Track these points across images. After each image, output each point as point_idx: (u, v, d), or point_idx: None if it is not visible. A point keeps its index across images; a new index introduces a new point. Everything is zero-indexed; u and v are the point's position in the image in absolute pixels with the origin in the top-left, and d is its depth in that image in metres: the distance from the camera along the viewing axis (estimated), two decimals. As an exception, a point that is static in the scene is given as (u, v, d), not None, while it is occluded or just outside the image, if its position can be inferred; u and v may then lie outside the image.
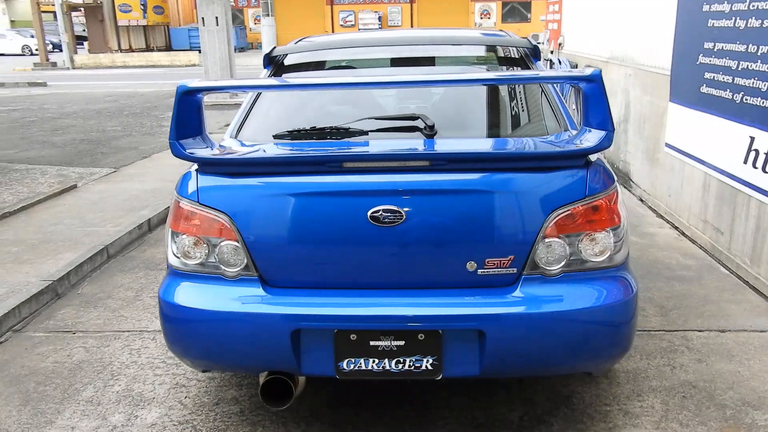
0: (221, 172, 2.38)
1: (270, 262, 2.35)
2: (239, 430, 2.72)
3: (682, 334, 3.42)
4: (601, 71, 5.15)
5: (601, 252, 2.32)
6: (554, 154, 2.29)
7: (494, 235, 2.27)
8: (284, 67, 3.25)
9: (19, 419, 2.85)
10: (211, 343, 2.38)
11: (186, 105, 2.31)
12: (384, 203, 2.25)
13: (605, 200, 2.32)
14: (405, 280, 2.33)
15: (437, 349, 2.28)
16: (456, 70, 3.20)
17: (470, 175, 2.28)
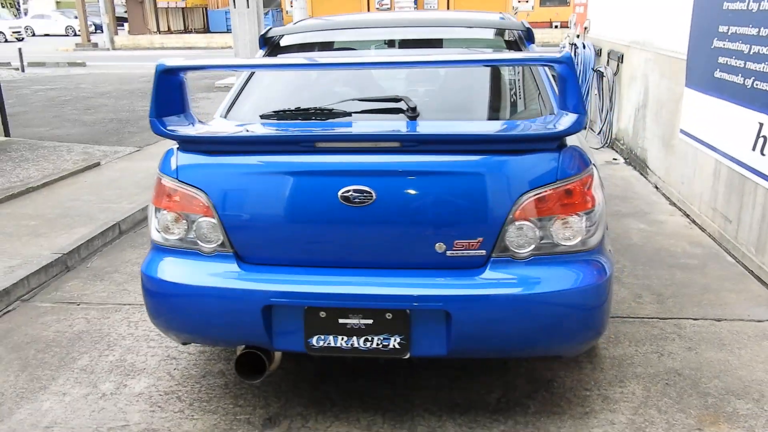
0: (199, 150, 2.44)
1: (244, 239, 2.40)
2: (221, 402, 2.80)
3: (676, 321, 3.38)
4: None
5: (573, 236, 2.31)
6: (523, 137, 2.28)
7: (463, 218, 2.27)
8: (280, 47, 3.28)
9: (16, 384, 2.98)
10: (188, 316, 2.45)
11: (166, 83, 2.36)
12: (354, 183, 2.27)
13: (578, 184, 2.30)
14: (375, 260, 2.35)
15: (405, 329, 2.31)
16: (443, 51, 3.19)
17: (439, 156, 2.29)
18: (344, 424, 2.63)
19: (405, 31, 3.30)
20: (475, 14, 3.48)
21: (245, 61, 2.53)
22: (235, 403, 2.79)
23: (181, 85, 2.47)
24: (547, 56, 2.19)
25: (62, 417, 2.73)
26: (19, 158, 7.06)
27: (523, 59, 2.44)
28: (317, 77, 3.07)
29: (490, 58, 2.42)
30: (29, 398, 2.87)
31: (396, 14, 3.65)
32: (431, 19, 3.39)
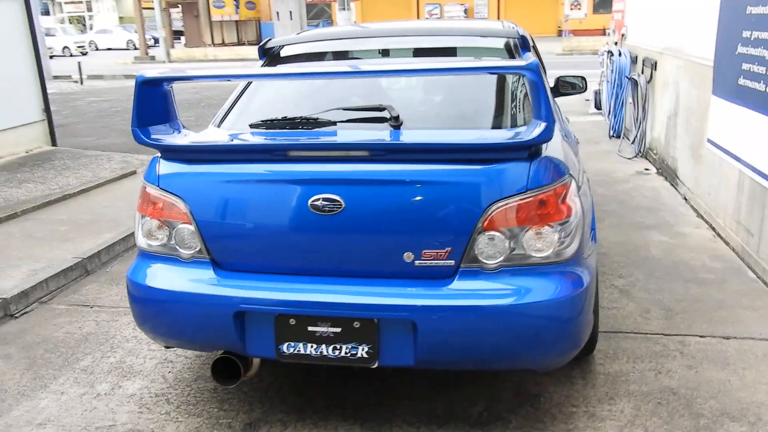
0: (178, 159, 2.50)
1: (220, 245, 2.44)
2: (207, 405, 2.85)
3: (681, 338, 3.25)
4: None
5: (546, 247, 2.26)
6: (490, 146, 2.25)
7: (430, 227, 2.26)
8: (279, 58, 3.34)
9: (20, 382, 3.11)
10: (166, 320, 2.51)
11: (146, 94, 2.44)
12: (324, 192, 2.29)
13: (551, 194, 2.25)
14: (345, 269, 2.36)
15: (373, 338, 2.30)
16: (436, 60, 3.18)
17: (407, 165, 2.28)
18: (322, 431, 2.63)
19: (401, 41, 3.31)
20: (474, 23, 3.45)
21: (228, 72, 2.58)
22: (220, 407, 2.84)
23: (165, 95, 2.55)
24: (513, 65, 2.16)
25: (56, 415, 2.83)
26: (61, 166, 7.37)
27: (489, 67, 2.41)
28: (311, 86, 3.10)
29: (455, 66, 2.40)
30: (29, 396, 2.99)
31: (396, 24, 3.66)
32: (429, 28, 3.40)
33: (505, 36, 3.13)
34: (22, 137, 8.14)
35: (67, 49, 34.41)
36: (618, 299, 3.71)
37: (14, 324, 3.75)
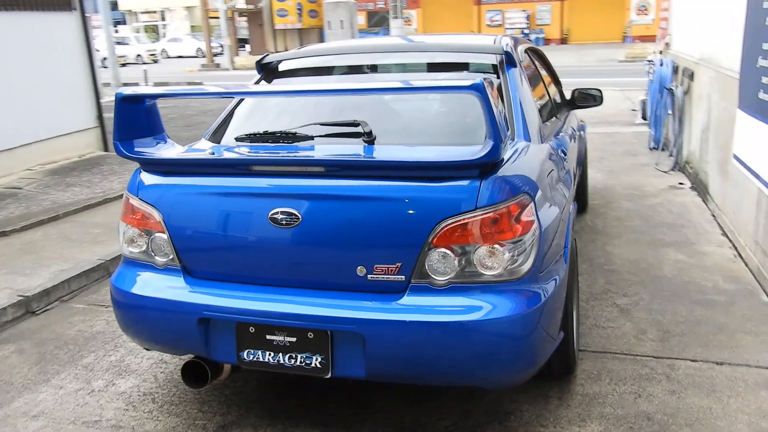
0: (155, 171, 2.63)
1: (190, 254, 2.56)
2: (188, 406, 2.97)
3: (671, 362, 3.16)
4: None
5: (497, 265, 2.27)
6: (437, 165, 2.27)
7: (382, 242, 2.30)
8: (275, 72, 3.45)
9: (26, 375, 3.33)
10: (141, 324, 2.65)
11: (126, 109, 2.58)
12: (282, 206, 2.37)
13: (502, 212, 2.26)
14: (302, 280, 2.43)
15: (325, 349, 2.36)
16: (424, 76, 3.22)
17: (358, 181, 2.33)
18: (289, 438, 2.71)
19: (391, 57, 3.36)
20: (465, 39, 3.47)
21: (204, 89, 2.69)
22: (200, 408, 2.96)
23: (148, 110, 2.69)
24: (457, 84, 2.18)
25: (50, 408, 3.01)
26: (108, 171, 7.76)
27: (438, 87, 2.41)
28: (298, 101, 3.19)
29: (408, 86, 2.42)
30: (31, 389, 3.19)
31: (391, 41, 3.70)
32: (421, 45, 3.43)
33: (491, 52, 3.14)
34: (77, 142, 8.61)
35: (139, 57, 35.95)
36: (616, 318, 3.63)
37: (34, 320, 4.00)
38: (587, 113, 10.87)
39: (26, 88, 7.63)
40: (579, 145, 4.97)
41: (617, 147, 8.19)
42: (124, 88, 2.60)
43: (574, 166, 4.21)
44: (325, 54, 3.49)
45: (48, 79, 7.97)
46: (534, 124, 2.97)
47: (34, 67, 7.81)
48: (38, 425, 2.88)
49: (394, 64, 3.30)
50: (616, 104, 11.79)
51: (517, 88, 2.98)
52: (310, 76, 3.41)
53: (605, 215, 5.49)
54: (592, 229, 5.17)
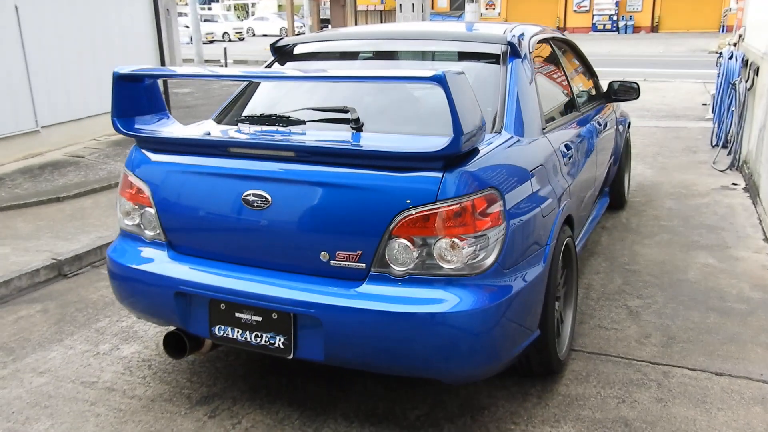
0: (147, 148, 2.75)
1: (173, 229, 2.67)
2: (179, 375, 3.11)
3: (667, 369, 3.03)
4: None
5: (457, 258, 2.25)
6: (398, 155, 2.25)
7: (344, 229, 2.32)
8: (289, 56, 3.51)
9: (44, 333, 3.57)
10: (129, 294, 2.79)
11: (124, 87, 2.70)
12: (254, 188, 2.43)
13: (464, 206, 2.23)
14: (271, 262, 2.49)
15: (288, 330, 2.42)
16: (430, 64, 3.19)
17: (323, 168, 2.35)
18: (263, 413, 2.79)
19: (399, 44, 3.34)
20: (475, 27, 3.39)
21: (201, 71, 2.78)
22: (189, 378, 3.09)
23: (148, 88, 2.80)
24: (422, 75, 2.15)
25: (56, 366, 3.23)
26: (166, 145, 8.09)
27: (400, 77, 2.37)
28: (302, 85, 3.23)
29: (377, 75, 2.40)
30: (45, 347, 3.42)
31: (402, 27, 3.66)
32: (431, 32, 3.38)
33: (495, 42, 3.07)
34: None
35: (226, 35, 37.01)
36: (622, 320, 3.51)
37: (64, 283, 4.27)
38: (655, 106, 10.45)
39: (96, 61, 8.05)
40: (615, 139, 4.79)
41: (678, 143, 7.81)
42: (121, 66, 2.71)
43: (599, 162, 4.07)
44: (336, 39, 3.51)
45: (116, 54, 8.37)
46: (531, 117, 2.89)
47: (103, 42, 8.22)
48: (41, 381, 3.09)
49: (399, 51, 3.29)
50: (693, 98, 11.22)
51: (516, 80, 2.91)
52: (321, 61, 3.45)
53: (643, 213, 5.27)
54: (625, 227, 4.98)
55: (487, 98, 2.83)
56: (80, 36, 7.87)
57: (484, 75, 2.99)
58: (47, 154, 7.49)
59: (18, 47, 7.07)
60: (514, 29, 3.26)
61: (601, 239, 4.73)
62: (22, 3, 7.04)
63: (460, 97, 2.15)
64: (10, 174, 6.71)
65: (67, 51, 7.68)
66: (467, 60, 3.14)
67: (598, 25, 33.29)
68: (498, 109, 2.77)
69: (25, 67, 7.17)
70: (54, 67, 7.48)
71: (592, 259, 4.38)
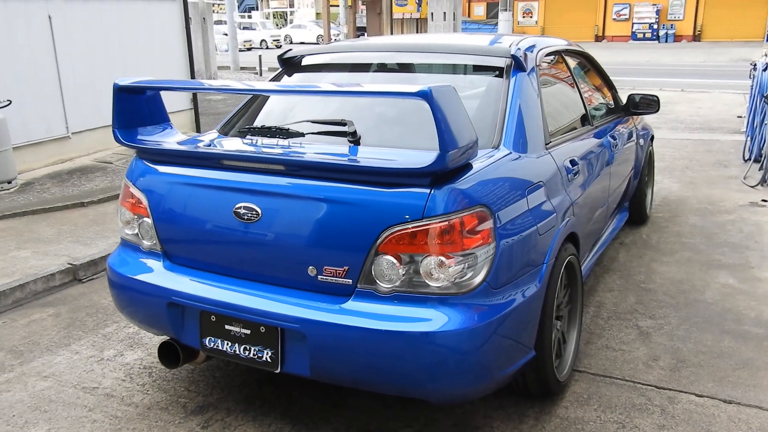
0: (145, 159, 2.78)
1: (168, 240, 2.69)
2: (178, 383, 3.12)
3: (673, 394, 2.93)
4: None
5: (443, 277, 2.21)
6: (384, 170, 2.22)
7: (331, 244, 2.30)
8: (297, 67, 3.52)
9: (53, 338, 3.63)
10: (126, 303, 2.81)
11: (124, 99, 2.73)
12: (245, 201, 2.43)
13: (452, 223, 2.19)
14: (261, 275, 2.48)
15: (275, 344, 2.40)
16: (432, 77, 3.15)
17: (311, 182, 2.34)
18: (255, 426, 2.78)
19: (404, 56, 3.32)
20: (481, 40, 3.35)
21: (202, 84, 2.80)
22: (188, 387, 3.10)
23: (150, 100, 2.83)
24: (407, 91, 2.12)
25: (60, 371, 3.28)
26: (192, 152, 8.20)
27: (387, 92, 2.31)
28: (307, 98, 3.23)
29: (363, 90, 2.37)
30: (52, 351, 3.48)
31: (407, 39, 3.62)
32: (437, 45, 3.33)
33: (498, 55, 3.02)
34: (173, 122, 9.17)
35: (264, 43, 37.53)
36: (631, 341, 3.40)
37: (78, 288, 4.35)
38: (689, 118, 10.20)
39: (125, 69, 8.22)
40: (636, 152, 4.68)
41: (709, 156, 7.60)
42: (122, 78, 2.74)
43: (615, 176, 3.97)
44: (342, 51, 3.50)
45: (148, 62, 8.55)
46: (533, 133, 2.84)
47: (135, 49, 8.39)
48: (45, 385, 3.14)
49: (403, 64, 3.27)
50: (730, 109, 10.93)
51: (518, 94, 2.86)
52: (327, 72, 3.45)
53: (665, 230, 5.13)
54: (645, 243, 4.85)
55: (487, 113, 2.78)
56: (110, 44, 8.05)
57: (486, 89, 2.94)
58: (77, 159, 7.67)
59: (50, 55, 7.27)
60: (522, 42, 3.21)
61: (618, 255, 4.61)
62: (54, 13, 7.24)
63: (447, 112, 2.11)
64: (40, 179, 6.88)
65: (98, 59, 7.86)
66: (471, 73, 3.10)
67: (638, 33, 32.75)
68: (498, 123, 2.72)
69: (57, 75, 7.37)
70: (84, 74, 7.66)
71: (607, 275, 4.27)
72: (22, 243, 5.01)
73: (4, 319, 3.90)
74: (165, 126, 2.94)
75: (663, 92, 13.02)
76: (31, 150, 7.20)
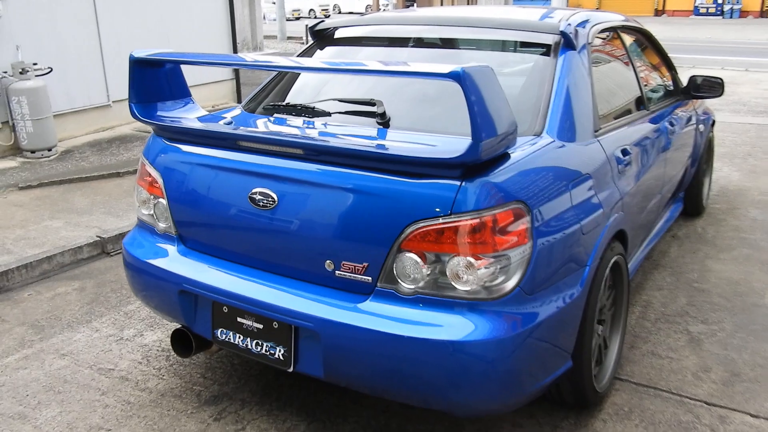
0: (162, 136, 2.62)
1: (183, 223, 2.53)
2: (194, 369, 3.00)
3: (724, 413, 2.66)
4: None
5: (472, 279, 1.99)
6: (411, 159, 1.99)
7: (351, 237, 2.11)
8: (329, 40, 3.30)
9: (76, 312, 3.57)
10: (140, 287, 2.69)
11: (141, 72, 2.57)
12: (261, 186, 2.25)
13: (483, 221, 1.96)
14: (276, 265, 2.31)
15: (288, 341, 2.24)
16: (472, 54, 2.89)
17: (330, 168, 2.14)
18: (269, 421, 2.64)
19: (444, 30, 3.05)
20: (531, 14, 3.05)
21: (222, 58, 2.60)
22: (204, 374, 2.98)
23: (170, 73, 2.66)
24: (434, 71, 1.88)
25: (79, 349, 3.20)
26: (232, 123, 8.10)
27: (417, 72, 2.04)
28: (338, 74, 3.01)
29: (383, 69, 2.12)
30: (73, 327, 3.41)
31: (448, 12, 3.32)
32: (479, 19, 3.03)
33: (546, 32, 2.74)
34: (214, 93, 9.08)
35: (312, 12, 37.29)
36: (680, 348, 3.13)
37: (106, 261, 4.28)
38: (753, 100, 9.60)
39: (168, 39, 8.13)
40: (695, 139, 4.33)
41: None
42: (138, 50, 2.57)
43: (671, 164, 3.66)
44: (378, 24, 3.26)
45: (192, 32, 8.44)
46: (581, 118, 2.57)
47: (179, 20, 8.29)
48: (62, 364, 3.07)
49: (442, 39, 3.01)
50: (799, 92, 10.24)
51: (566, 75, 2.58)
52: (360, 47, 3.22)
53: (722, 223, 4.77)
54: (700, 237, 4.51)
55: (530, 95, 2.53)
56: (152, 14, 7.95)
57: (531, 69, 2.68)
58: (117, 128, 7.65)
59: (92, 23, 7.21)
60: (573, 17, 2.91)
61: (670, 250, 4.30)
62: (97, -21, 7.16)
63: (483, 96, 1.88)
64: (80, 147, 6.88)
65: (138, 26, 7.77)
66: (516, 50, 2.83)
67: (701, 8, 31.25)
68: (542, 108, 2.46)
69: (99, 42, 7.31)
70: (126, 44, 7.58)
71: (656, 272, 3.97)
72: (56, 213, 4.98)
73: (30, 291, 3.86)
74: (187, 101, 2.77)
75: (725, 71, 12.31)
76: (73, 118, 7.20)
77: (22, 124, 6.40)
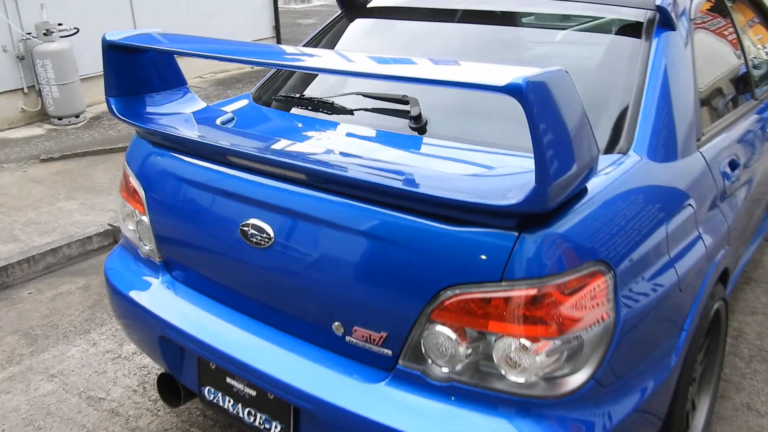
0: (144, 138, 2.11)
1: (167, 248, 2.05)
2: (192, 406, 2.58)
3: None
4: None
5: (529, 368, 1.44)
6: (447, 202, 1.42)
7: (362, 296, 1.57)
8: (360, 10, 2.71)
9: (75, 318, 3.19)
10: (119, 315, 2.24)
11: (119, 59, 2.05)
12: (254, 216, 1.73)
13: (546, 291, 1.39)
14: (273, 316, 1.80)
15: (286, 418, 1.75)
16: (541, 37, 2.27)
17: (345, 200, 1.59)
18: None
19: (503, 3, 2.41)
20: None
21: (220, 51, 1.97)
22: (204, 413, 2.55)
23: (156, 57, 2.14)
24: (485, 82, 1.29)
25: (71, 368, 2.82)
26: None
27: (448, 82, 1.41)
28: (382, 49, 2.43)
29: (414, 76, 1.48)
30: (68, 340, 3.03)
31: None
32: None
33: (637, 6, 2.08)
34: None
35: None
36: None
37: (117, 254, 3.89)
38: None
39: None
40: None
41: None
42: (112, 32, 2.03)
43: None
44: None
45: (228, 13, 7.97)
46: (683, 126, 1.94)
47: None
48: (48, 389, 2.69)
49: (500, 14, 2.37)
50: None
51: (665, 66, 1.94)
52: (398, 20, 2.62)
53: (828, 224, 4.02)
54: (801, 243, 3.80)
55: (614, 96, 1.90)
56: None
57: (614, 58, 2.04)
58: (149, 91, 7.24)
59: None
60: None
61: (764, 259, 3.61)
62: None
63: (555, 119, 1.29)
64: (108, 113, 6.49)
65: None
66: (595, 32, 2.19)
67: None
68: (629, 114, 1.83)
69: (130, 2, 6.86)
70: None
71: (748, 288, 3.32)
72: (73, 191, 4.62)
73: (31, 289, 3.50)
74: (183, 91, 2.25)
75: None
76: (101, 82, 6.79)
77: (48, 89, 6.05)
